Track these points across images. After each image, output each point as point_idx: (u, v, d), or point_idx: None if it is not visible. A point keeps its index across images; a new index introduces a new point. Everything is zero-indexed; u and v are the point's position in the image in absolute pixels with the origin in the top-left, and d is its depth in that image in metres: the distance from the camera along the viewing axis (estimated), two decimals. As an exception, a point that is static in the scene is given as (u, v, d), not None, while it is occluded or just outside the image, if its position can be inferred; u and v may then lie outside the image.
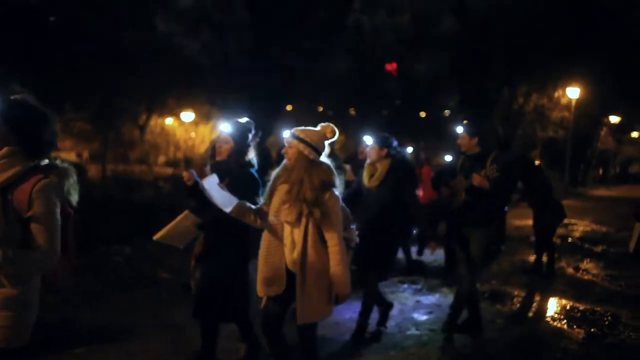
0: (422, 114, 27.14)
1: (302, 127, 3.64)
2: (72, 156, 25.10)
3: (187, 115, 30.40)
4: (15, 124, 2.49)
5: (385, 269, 5.42)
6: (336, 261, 3.48)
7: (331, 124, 3.68)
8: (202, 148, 27.82)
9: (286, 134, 3.69)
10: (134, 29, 18.15)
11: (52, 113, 2.59)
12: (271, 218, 3.63)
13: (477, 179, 5.04)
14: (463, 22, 19.76)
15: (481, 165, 5.17)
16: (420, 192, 8.00)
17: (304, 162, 3.53)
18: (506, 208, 5.58)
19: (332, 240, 3.51)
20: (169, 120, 31.54)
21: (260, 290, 3.65)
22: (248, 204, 3.72)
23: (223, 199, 3.68)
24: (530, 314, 6.50)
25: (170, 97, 24.27)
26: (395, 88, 23.47)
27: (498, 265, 8.78)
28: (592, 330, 5.80)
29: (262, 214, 3.73)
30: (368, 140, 5.88)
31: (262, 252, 3.65)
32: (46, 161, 2.55)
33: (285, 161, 3.66)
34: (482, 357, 4.96)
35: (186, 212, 3.80)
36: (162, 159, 32.69)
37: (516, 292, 7.17)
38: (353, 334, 5.17)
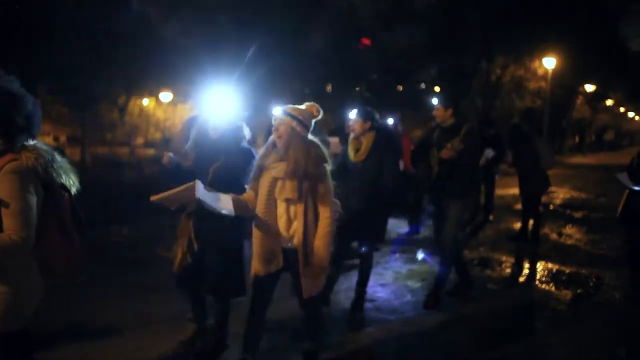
0: (399, 88, 27.23)
1: (292, 105, 3.66)
2: (49, 140, 24.82)
3: (166, 96, 30.22)
4: None
5: (377, 240, 5.55)
6: (323, 234, 3.55)
7: (316, 104, 3.70)
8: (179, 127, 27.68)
9: (277, 111, 3.66)
10: (110, 11, 17.91)
11: (29, 98, 2.51)
12: (263, 197, 3.62)
13: (444, 153, 5.25)
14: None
15: (454, 137, 5.31)
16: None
17: (299, 139, 3.55)
18: (495, 177, 5.80)
19: (326, 213, 3.58)
20: (145, 101, 31.27)
21: (260, 269, 3.63)
22: (240, 198, 3.70)
23: (217, 201, 3.61)
24: (520, 278, 6.76)
25: (149, 78, 24.07)
26: (372, 63, 23.47)
27: (484, 233, 9.06)
28: (579, 291, 6.08)
29: (251, 199, 3.70)
30: (353, 114, 5.97)
31: (256, 232, 3.65)
32: (22, 144, 2.47)
33: (271, 140, 3.66)
34: (479, 319, 5.17)
35: (193, 182, 3.62)
36: (140, 140, 32.45)
37: (504, 258, 7.43)
38: (352, 303, 5.26)
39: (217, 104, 4.06)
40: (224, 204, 3.60)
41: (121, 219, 8.42)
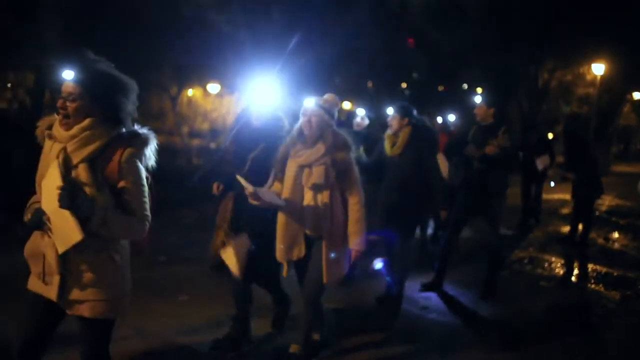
0: (440, 88, 27.33)
1: (320, 97, 3.79)
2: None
3: (213, 87, 30.94)
4: (98, 94, 2.45)
5: (407, 235, 5.46)
6: (356, 219, 3.69)
7: (333, 94, 3.83)
8: (228, 119, 28.27)
9: (309, 103, 3.76)
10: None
11: (132, 82, 2.56)
12: (289, 184, 3.73)
13: (489, 149, 5.38)
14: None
15: (493, 136, 5.47)
16: None
17: (328, 128, 3.71)
18: (551, 183, 6.09)
19: (355, 198, 3.72)
20: (189, 92, 32.01)
21: (282, 256, 3.74)
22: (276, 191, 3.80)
23: (272, 196, 3.68)
24: (571, 278, 7.09)
25: (199, 69, 24.72)
26: (416, 62, 23.72)
27: (533, 234, 9.40)
28: (627, 292, 6.40)
29: (279, 190, 3.80)
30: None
31: (281, 219, 3.74)
32: (128, 129, 2.55)
33: (297, 128, 3.76)
34: (533, 315, 5.54)
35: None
36: (185, 129, 33.20)
37: (553, 259, 7.75)
38: (387, 303, 5.33)
39: (260, 94, 4.16)
40: (273, 196, 3.67)
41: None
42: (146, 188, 2.51)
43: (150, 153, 2.55)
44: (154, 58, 18.74)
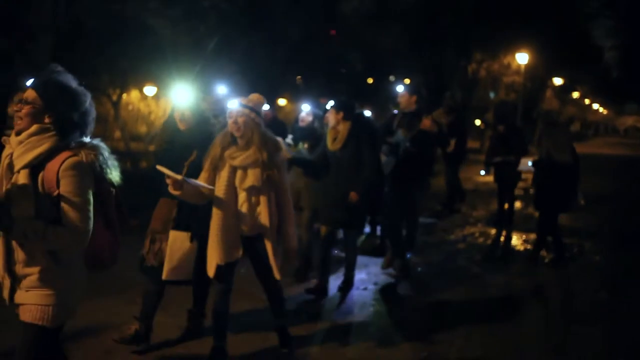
0: (370, 80, 28.04)
1: (244, 98, 3.78)
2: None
3: (150, 89, 30.83)
4: (48, 101, 2.45)
5: (357, 229, 5.78)
6: (291, 220, 3.87)
7: (257, 93, 3.83)
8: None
9: (233, 104, 3.73)
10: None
11: (86, 94, 2.55)
12: (222, 187, 3.71)
13: (425, 122, 5.60)
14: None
15: (419, 120, 5.74)
16: None
17: (258, 129, 3.72)
18: (482, 172, 6.69)
19: (287, 198, 3.87)
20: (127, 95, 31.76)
21: (222, 258, 3.69)
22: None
23: (197, 184, 3.70)
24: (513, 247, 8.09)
25: (138, 72, 24.67)
26: (356, 58, 24.51)
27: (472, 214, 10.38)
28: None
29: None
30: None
31: (216, 222, 3.70)
32: (78, 140, 2.51)
33: (226, 131, 3.76)
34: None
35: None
36: (117, 134, 32.87)
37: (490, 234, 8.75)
38: (340, 287, 5.64)
39: (182, 96, 4.12)
40: (198, 184, 3.69)
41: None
42: (87, 199, 2.43)
43: (106, 165, 2.52)
44: (90, 62, 18.86)
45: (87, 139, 2.53)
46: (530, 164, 7.19)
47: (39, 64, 10.31)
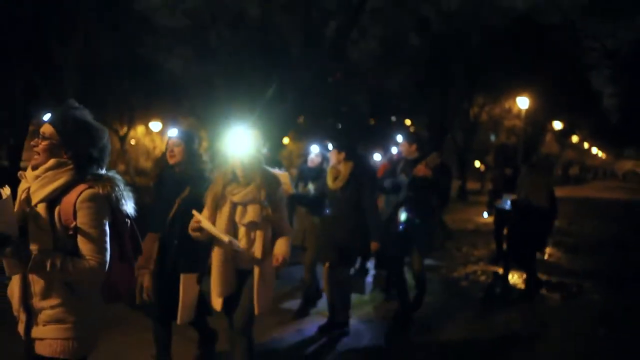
0: (372, 121, 28.54)
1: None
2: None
3: (155, 125, 31.33)
4: (66, 136, 2.48)
5: (347, 266, 5.68)
6: (288, 246, 3.88)
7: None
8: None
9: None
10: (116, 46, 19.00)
11: (104, 130, 2.59)
12: (223, 223, 3.77)
13: (419, 168, 5.53)
14: (426, 44, 21.93)
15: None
16: None
17: (260, 166, 3.84)
18: (485, 215, 6.84)
19: (285, 227, 3.94)
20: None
21: (221, 292, 3.79)
22: None
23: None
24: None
25: (144, 109, 25.12)
26: (364, 101, 25.08)
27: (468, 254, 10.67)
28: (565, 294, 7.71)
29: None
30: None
31: (219, 257, 3.77)
32: (94, 173, 2.53)
33: (226, 168, 3.82)
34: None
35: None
36: (121, 167, 33.32)
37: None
38: (320, 328, 5.60)
39: (178, 136, 4.17)
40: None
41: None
42: (103, 230, 2.46)
43: (122, 197, 2.53)
44: (102, 97, 19.30)
45: (103, 171, 2.55)
46: (508, 203, 7.43)
47: (63, 99, 10.69)
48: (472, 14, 21.61)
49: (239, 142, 3.82)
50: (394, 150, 11.95)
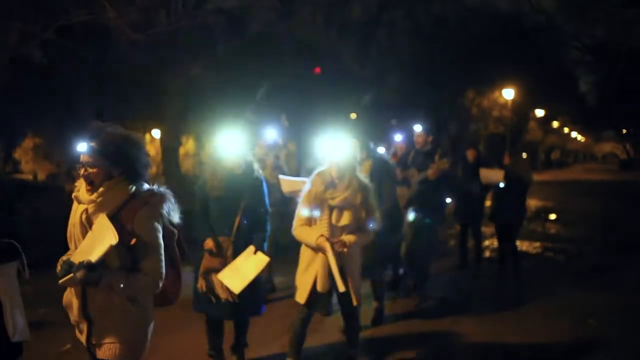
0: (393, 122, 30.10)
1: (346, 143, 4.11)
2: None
3: (157, 132, 32.10)
4: (115, 158, 2.48)
5: (385, 261, 5.71)
6: (358, 240, 4.05)
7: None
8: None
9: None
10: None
11: (140, 136, 2.61)
12: (325, 224, 3.97)
13: (431, 172, 5.71)
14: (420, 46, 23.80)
15: (432, 160, 5.95)
16: None
17: (354, 172, 4.06)
18: None
19: (366, 229, 4.14)
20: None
21: (323, 287, 4.01)
22: None
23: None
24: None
25: (148, 118, 25.52)
26: (367, 100, 26.45)
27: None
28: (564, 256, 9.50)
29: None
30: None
31: (321, 256, 3.98)
32: (146, 186, 2.58)
33: (323, 171, 4.05)
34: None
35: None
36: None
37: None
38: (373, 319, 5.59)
39: (229, 143, 4.25)
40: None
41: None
42: (160, 244, 2.54)
43: (171, 210, 2.61)
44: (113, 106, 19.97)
45: (155, 187, 2.61)
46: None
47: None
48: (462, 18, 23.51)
49: (337, 148, 4.02)
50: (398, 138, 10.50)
